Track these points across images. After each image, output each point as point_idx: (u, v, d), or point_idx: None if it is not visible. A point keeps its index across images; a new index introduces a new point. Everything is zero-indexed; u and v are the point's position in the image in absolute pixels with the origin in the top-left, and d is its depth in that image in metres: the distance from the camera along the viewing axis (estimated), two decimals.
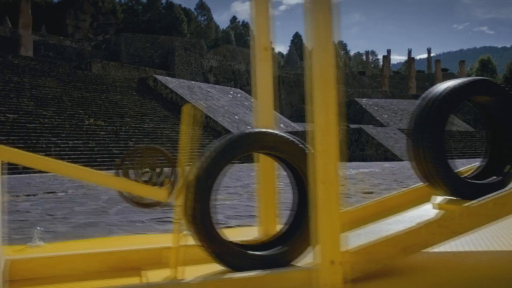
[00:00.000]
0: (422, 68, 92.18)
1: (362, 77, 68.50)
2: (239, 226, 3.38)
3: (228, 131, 26.60)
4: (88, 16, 69.27)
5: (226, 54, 52.65)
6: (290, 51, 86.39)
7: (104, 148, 19.75)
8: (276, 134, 1.91)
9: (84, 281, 1.78)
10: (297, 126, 35.00)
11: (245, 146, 1.92)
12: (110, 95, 26.74)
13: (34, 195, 6.44)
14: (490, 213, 1.85)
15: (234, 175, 10.31)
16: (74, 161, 16.96)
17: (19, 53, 32.17)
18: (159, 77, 31.21)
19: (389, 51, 76.03)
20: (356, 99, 45.62)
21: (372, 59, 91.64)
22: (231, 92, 35.34)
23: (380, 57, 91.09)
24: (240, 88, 43.13)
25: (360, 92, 52.68)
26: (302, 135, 16.13)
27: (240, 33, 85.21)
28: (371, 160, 24.40)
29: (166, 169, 1.82)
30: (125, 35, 47.28)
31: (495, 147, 2.20)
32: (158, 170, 1.82)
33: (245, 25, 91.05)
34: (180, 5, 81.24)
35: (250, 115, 30.98)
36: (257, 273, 1.56)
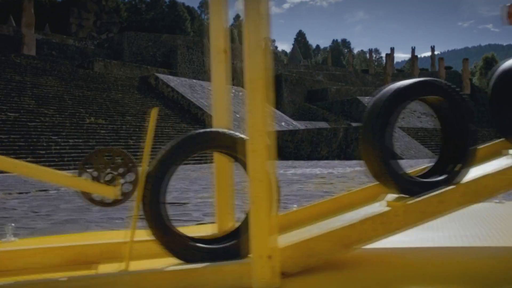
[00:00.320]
0: (426, 66, 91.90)
1: (366, 75, 68.36)
2: (210, 223, 3.45)
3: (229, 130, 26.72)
4: (91, 14, 69.48)
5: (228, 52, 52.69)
6: (293, 49, 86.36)
7: (104, 147, 19.87)
8: (230, 134, 1.99)
9: (41, 274, 1.86)
10: (298, 125, 35.06)
11: (198, 145, 2.00)
12: (111, 93, 26.88)
13: (26, 193, 6.54)
14: (431, 210, 1.92)
15: None
16: (74, 159, 17.10)
17: (22, 52, 32.36)
18: (161, 76, 31.33)
19: (392, 49, 75.84)
20: (359, 97, 45.55)
21: (375, 57, 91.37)
22: (233, 91, 35.36)
23: (383, 55, 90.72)
24: (242, 87, 43.22)
25: (363, 90, 52.55)
26: (302, 133, 16.20)
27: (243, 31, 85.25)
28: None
29: (138, 169, 1.91)
30: (128, 34, 47.42)
31: (444, 146, 2.26)
32: (120, 170, 1.90)
33: None
34: (183, 4, 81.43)
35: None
36: (197, 266, 1.64)
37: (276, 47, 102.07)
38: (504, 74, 2.44)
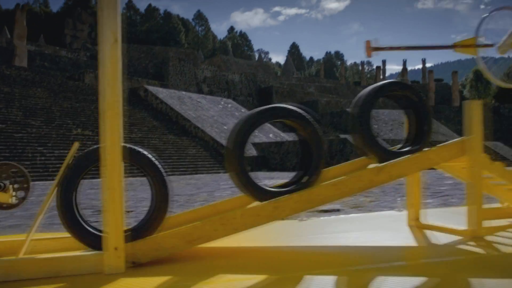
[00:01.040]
0: (419, 78, 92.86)
1: (357, 87, 69.15)
2: None
3: (216, 141, 27.19)
4: (86, 26, 70.16)
5: (221, 64, 53.37)
6: (286, 61, 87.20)
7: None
8: (128, 148, 2.46)
9: None
10: (286, 136, 35.56)
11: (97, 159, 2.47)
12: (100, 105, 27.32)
13: None
14: (266, 214, 2.38)
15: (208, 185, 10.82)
16: (59, 170, 17.49)
17: (13, 63, 32.86)
18: (150, 88, 31.85)
19: (384, 62, 76.81)
20: (348, 109, 46.13)
21: (368, 69, 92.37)
22: (222, 103, 35.95)
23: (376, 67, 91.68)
24: (233, 99, 43.79)
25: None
26: (288, 145, 16.60)
27: (237, 43, 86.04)
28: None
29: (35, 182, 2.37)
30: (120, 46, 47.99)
31: (300, 161, 2.75)
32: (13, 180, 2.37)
33: (243, 35, 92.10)
34: (178, 16, 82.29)
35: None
36: (60, 255, 2.10)
37: (270, 59, 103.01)
38: (358, 103, 2.94)
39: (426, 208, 3.66)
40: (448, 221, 3.28)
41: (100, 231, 2.35)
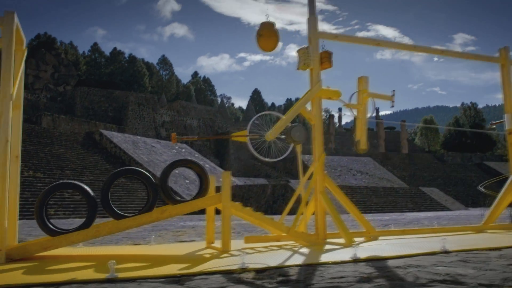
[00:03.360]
0: (374, 125, 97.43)
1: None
2: None
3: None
4: (49, 66, 71.02)
5: (180, 109, 55.26)
6: (248, 107, 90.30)
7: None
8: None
9: None
10: (237, 181, 37.24)
11: None
12: (54, 148, 28.40)
13: None
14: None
15: None
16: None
17: None
18: (105, 132, 33.15)
19: (340, 109, 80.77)
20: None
21: (326, 115, 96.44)
22: (176, 147, 37.49)
23: (335, 114, 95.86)
24: (190, 143, 45.39)
25: (306, 148, 55.84)
26: (234, 189, 18.66)
27: (200, 88, 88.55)
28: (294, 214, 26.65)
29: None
30: (81, 89, 49.31)
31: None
32: None
33: (206, 80, 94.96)
34: (142, 59, 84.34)
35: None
36: None
37: (233, 104, 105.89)
38: (163, 171, 4.67)
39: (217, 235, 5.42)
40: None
41: None
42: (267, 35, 5.41)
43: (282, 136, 5.48)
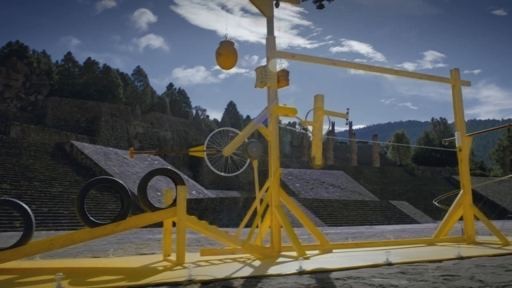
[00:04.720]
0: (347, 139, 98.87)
1: (288, 146, 72.92)
2: None
3: (136, 197, 28.25)
4: (21, 75, 69.69)
5: (154, 121, 54.95)
6: (223, 119, 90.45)
7: (4, 211, 20.77)
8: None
9: None
10: (209, 193, 37.15)
11: None
12: (22, 159, 27.85)
13: None
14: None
15: None
16: None
17: None
18: (76, 143, 32.71)
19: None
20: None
21: (299, 129, 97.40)
22: (149, 159, 37.24)
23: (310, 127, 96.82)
24: (164, 155, 45.10)
25: (281, 161, 56.20)
26: (206, 201, 18.67)
27: (175, 99, 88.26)
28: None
29: None
30: (53, 99, 48.58)
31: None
32: None
33: (181, 92, 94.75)
34: (117, 70, 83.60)
35: (163, 181, 32.86)
36: None
37: (208, 116, 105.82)
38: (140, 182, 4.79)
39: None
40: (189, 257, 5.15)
41: None
42: (226, 53, 5.61)
43: (239, 152, 5.66)
